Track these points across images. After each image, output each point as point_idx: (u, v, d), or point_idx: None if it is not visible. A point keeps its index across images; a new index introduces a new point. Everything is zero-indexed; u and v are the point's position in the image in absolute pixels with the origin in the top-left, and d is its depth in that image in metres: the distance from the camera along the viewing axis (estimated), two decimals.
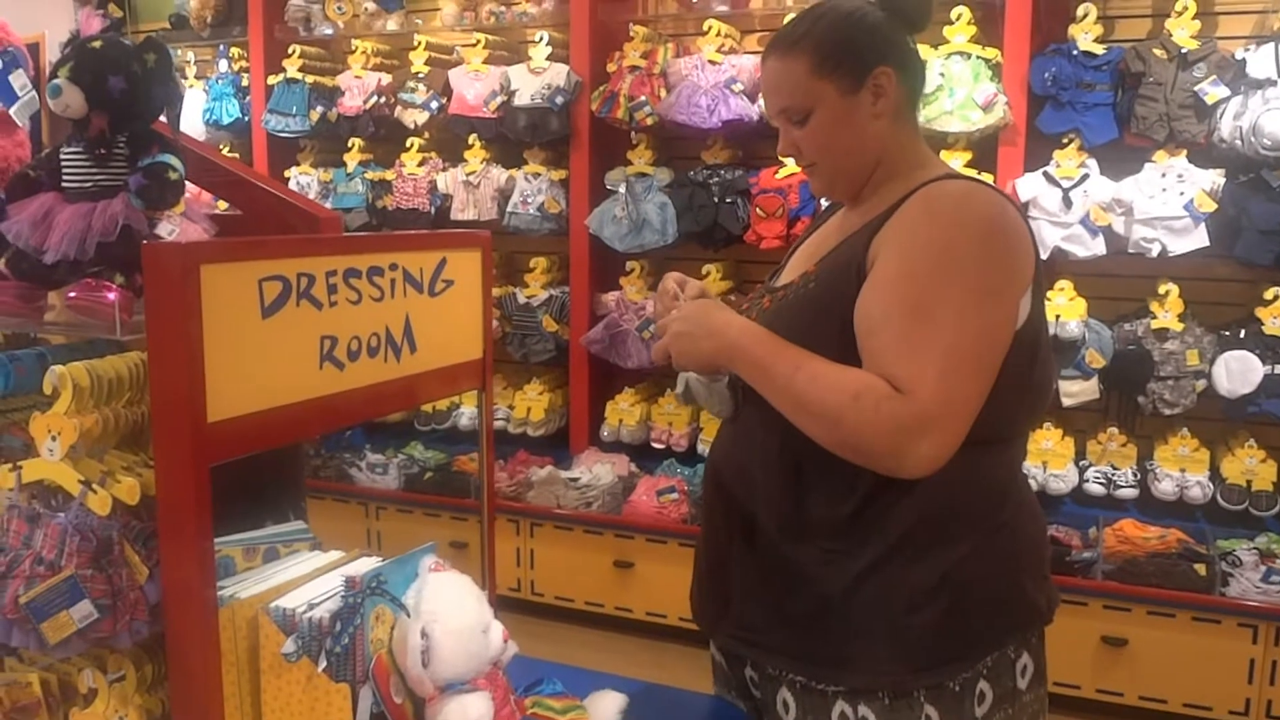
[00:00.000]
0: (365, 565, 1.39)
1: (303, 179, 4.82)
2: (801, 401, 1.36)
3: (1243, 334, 3.46)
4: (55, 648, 1.20)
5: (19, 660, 1.46)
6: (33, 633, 1.19)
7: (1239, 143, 3.32)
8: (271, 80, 4.80)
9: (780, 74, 1.47)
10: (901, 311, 1.33)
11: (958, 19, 3.64)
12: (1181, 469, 3.58)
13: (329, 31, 4.77)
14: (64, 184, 1.36)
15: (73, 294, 1.32)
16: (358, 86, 4.65)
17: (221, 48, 5.10)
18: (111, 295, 1.30)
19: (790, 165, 3.90)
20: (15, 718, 1.41)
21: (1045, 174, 3.58)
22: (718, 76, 3.94)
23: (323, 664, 1.23)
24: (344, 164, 4.75)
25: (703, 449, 4.15)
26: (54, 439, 1.20)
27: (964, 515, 1.41)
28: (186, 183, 1.43)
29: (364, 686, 1.25)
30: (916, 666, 1.39)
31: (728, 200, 4.01)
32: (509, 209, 4.37)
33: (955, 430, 1.30)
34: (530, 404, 4.48)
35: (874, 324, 1.35)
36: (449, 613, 1.29)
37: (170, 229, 1.38)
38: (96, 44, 1.36)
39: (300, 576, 1.37)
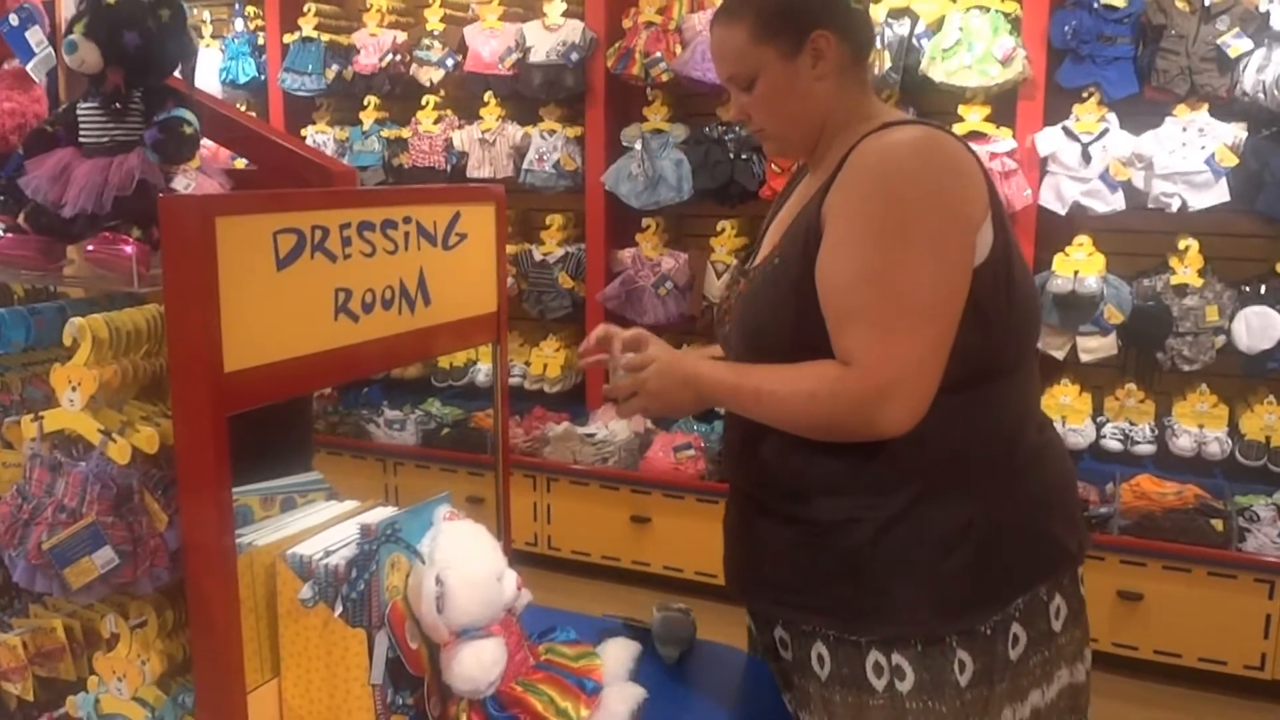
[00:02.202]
0: (381, 514, 1.41)
1: (319, 138, 4.82)
2: (774, 419, 1.44)
3: (1263, 289, 3.44)
4: (78, 593, 1.22)
5: (44, 608, 1.49)
6: (56, 578, 1.21)
7: (1261, 96, 3.27)
8: (287, 39, 4.79)
9: (723, 42, 1.51)
10: (848, 279, 1.37)
11: None
12: (1200, 425, 3.57)
13: None
14: (81, 139, 1.38)
15: (90, 247, 1.34)
16: (373, 44, 4.63)
17: (237, 6, 5.09)
18: (129, 248, 1.31)
19: None
20: (40, 663, 1.45)
21: (1064, 128, 3.54)
22: None
23: (339, 609, 1.25)
24: (360, 122, 4.75)
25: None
26: (74, 389, 1.22)
27: (980, 456, 1.43)
28: (203, 139, 1.44)
29: (379, 631, 1.28)
30: (947, 612, 1.41)
31: (743, 156, 3.99)
32: (525, 166, 4.36)
33: (916, 386, 1.35)
34: (546, 360, 4.49)
35: (827, 293, 1.39)
36: (463, 560, 1.31)
37: (186, 183, 1.39)
38: (111, 0, 1.37)
39: (317, 525, 1.39)
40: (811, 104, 1.50)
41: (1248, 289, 3.47)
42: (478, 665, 1.30)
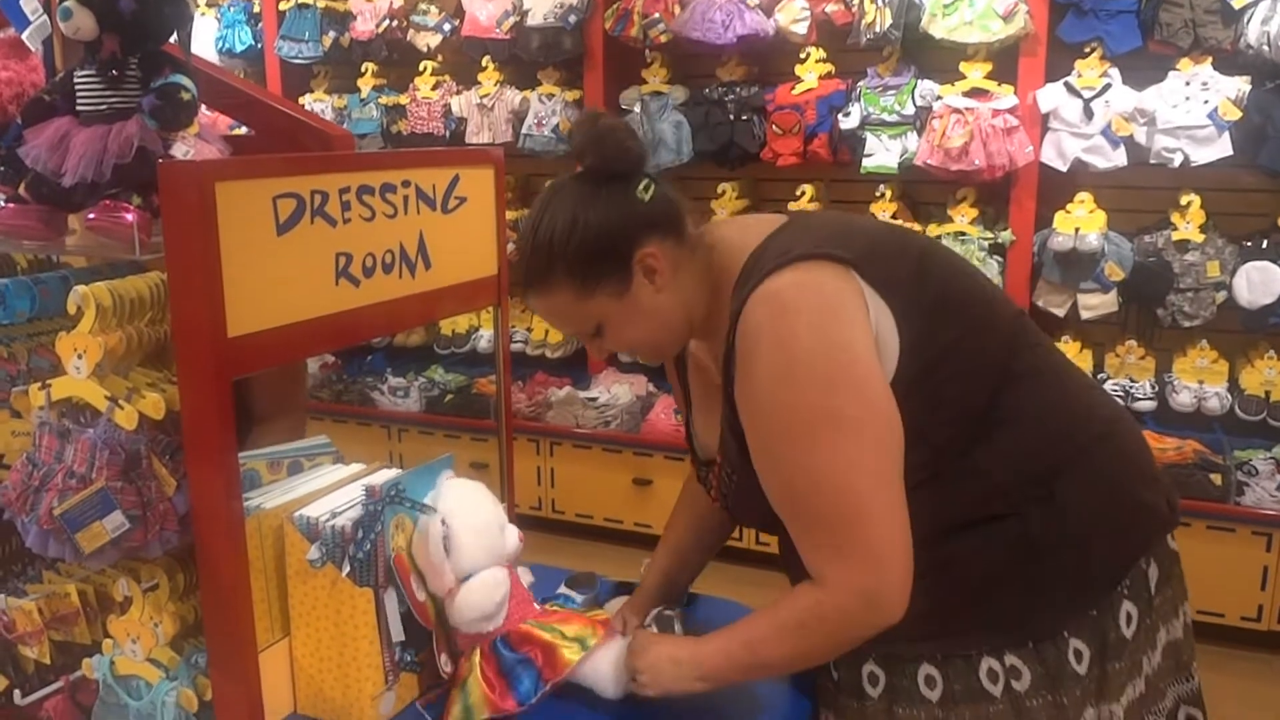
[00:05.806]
0: (385, 476, 1.43)
1: (317, 105, 4.80)
2: (780, 665, 1.39)
3: (1264, 244, 3.43)
4: (90, 557, 1.24)
5: (57, 574, 1.52)
6: (68, 543, 1.23)
7: (1266, 49, 3.25)
8: (283, 6, 4.75)
9: (550, 309, 1.39)
10: (780, 491, 1.30)
11: None
12: (1200, 381, 3.58)
13: None
14: (79, 107, 1.38)
15: (92, 216, 1.34)
16: (369, 10, 4.60)
17: None
18: (129, 216, 1.32)
19: (808, 81, 3.87)
20: (56, 626, 1.47)
21: (1066, 84, 3.52)
22: None
23: (346, 569, 1.27)
24: (358, 89, 4.73)
25: None
26: (80, 357, 1.23)
27: (1048, 459, 1.36)
28: (202, 107, 1.44)
29: (387, 590, 1.30)
30: (1056, 606, 1.37)
31: (743, 118, 3.97)
32: (524, 131, 4.35)
33: (895, 561, 1.25)
34: (548, 326, 4.49)
35: (771, 503, 1.32)
36: (467, 509, 1.34)
37: (185, 150, 1.39)
38: None
39: (324, 487, 1.41)
40: (666, 313, 1.38)
41: (1249, 244, 3.46)
42: (483, 589, 1.33)
